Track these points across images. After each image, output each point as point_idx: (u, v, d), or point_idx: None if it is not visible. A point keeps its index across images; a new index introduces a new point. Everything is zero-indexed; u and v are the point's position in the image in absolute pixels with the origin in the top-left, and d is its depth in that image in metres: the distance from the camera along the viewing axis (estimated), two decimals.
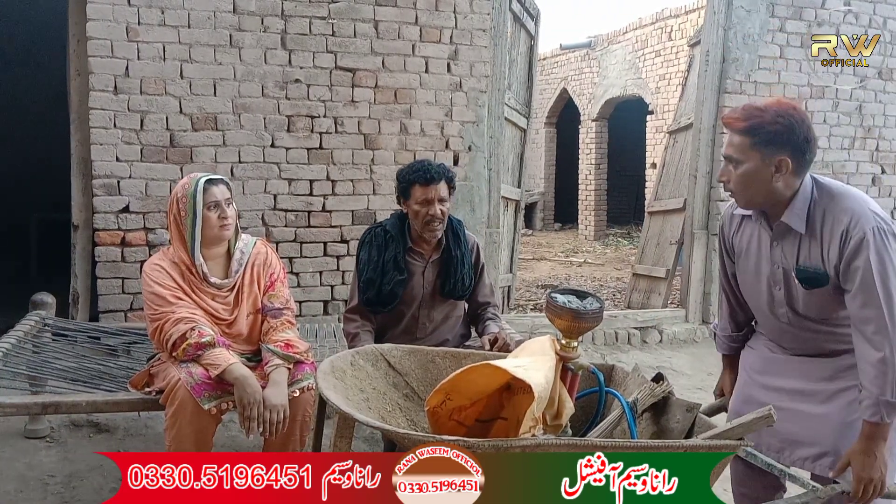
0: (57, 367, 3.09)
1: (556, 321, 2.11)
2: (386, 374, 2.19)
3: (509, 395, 2.05)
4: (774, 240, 2.15)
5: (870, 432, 1.96)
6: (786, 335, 2.24)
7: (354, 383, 2.06)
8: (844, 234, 1.99)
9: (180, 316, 2.55)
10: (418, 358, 2.26)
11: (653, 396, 2.22)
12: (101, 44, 3.95)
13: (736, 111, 2.08)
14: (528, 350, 2.07)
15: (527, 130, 6.16)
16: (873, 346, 1.96)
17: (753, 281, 2.25)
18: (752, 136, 2.01)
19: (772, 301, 2.20)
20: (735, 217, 2.31)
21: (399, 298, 2.89)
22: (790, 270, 2.11)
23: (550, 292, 2.17)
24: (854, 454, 1.98)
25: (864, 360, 1.98)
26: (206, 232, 2.65)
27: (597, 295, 2.40)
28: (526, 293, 7.83)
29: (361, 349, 2.22)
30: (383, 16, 4.43)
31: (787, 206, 2.07)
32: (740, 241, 2.29)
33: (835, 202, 2.04)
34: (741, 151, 2.03)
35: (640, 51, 12.18)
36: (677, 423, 2.16)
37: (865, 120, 5.73)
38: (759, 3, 5.32)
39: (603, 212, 13.78)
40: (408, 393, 2.20)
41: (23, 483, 3.02)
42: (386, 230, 2.93)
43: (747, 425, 1.91)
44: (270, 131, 4.27)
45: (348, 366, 2.09)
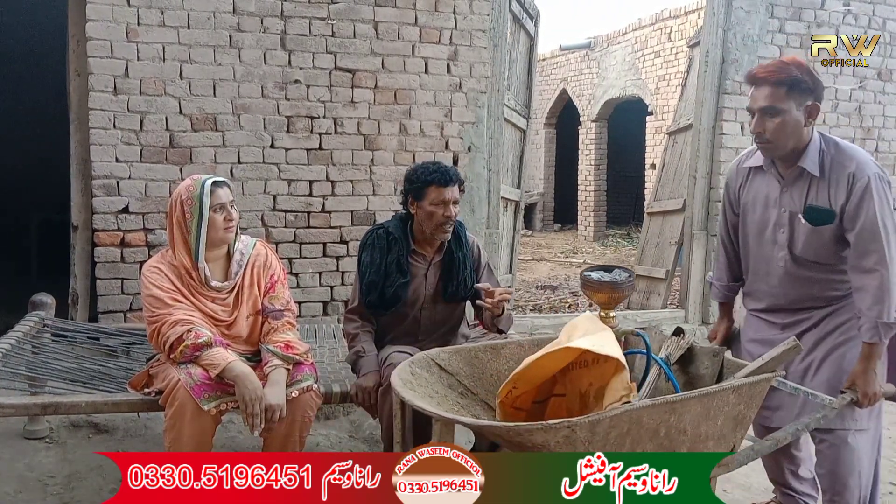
0: (56, 367, 3.09)
1: (596, 296, 2.36)
2: (440, 377, 2.27)
3: (563, 372, 2.17)
4: (785, 186, 2.44)
5: (868, 352, 2.33)
6: (779, 288, 2.51)
7: (423, 391, 2.15)
8: (851, 177, 2.31)
9: (177, 318, 2.55)
10: (463, 357, 2.37)
11: (680, 349, 2.42)
12: (100, 44, 3.95)
13: (764, 67, 2.37)
14: (581, 329, 2.13)
15: (526, 131, 6.16)
16: (873, 275, 2.28)
17: (758, 229, 2.52)
18: (785, 86, 2.29)
19: (773, 245, 2.48)
20: (742, 171, 2.59)
21: (402, 301, 2.89)
22: (796, 213, 2.41)
23: (583, 272, 2.44)
24: (857, 374, 2.34)
25: (864, 290, 2.31)
26: (210, 234, 2.65)
27: (621, 266, 2.61)
28: (525, 294, 7.83)
29: (415, 358, 2.28)
30: (383, 17, 4.42)
31: (803, 152, 2.36)
32: (747, 194, 2.56)
33: (840, 151, 2.37)
34: (779, 100, 2.29)
35: (640, 52, 12.18)
36: (706, 369, 2.40)
37: (865, 121, 5.73)
38: (759, 4, 5.32)
39: (602, 212, 13.79)
40: (462, 391, 2.29)
41: (22, 484, 3.02)
42: (388, 232, 2.92)
43: (779, 357, 2.17)
44: (270, 132, 4.27)
45: (411, 376, 2.16)
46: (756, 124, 2.35)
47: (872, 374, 2.33)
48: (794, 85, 2.29)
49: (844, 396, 2.33)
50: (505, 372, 2.33)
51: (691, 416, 1.97)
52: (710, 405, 2.00)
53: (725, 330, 2.77)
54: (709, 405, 2.00)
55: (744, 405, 2.10)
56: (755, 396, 2.13)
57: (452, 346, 2.93)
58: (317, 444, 3.49)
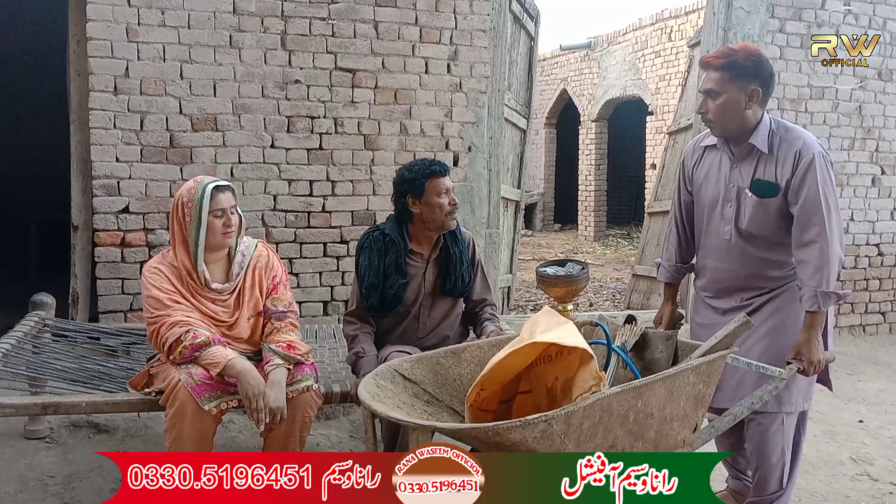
0: (56, 367, 3.09)
1: (553, 290, 2.46)
2: (405, 387, 2.27)
3: (527, 369, 2.18)
4: (735, 162, 2.59)
5: (810, 321, 2.46)
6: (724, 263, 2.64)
7: (392, 402, 2.15)
8: (797, 154, 2.46)
9: (175, 319, 2.55)
10: (425, 364, 2.36)
11: (634, 336, 2.49)
12: (100, 44, 3.95)
13: (713, 52, 2.57)
14: (542, 324, 2.14)
15: (526, 131, 6.16)
16: (814, 246, 2.42)
17: (709, 204, 2.66)
18: (729, 71, 2.46)
19: (720, 220, 2.62)
20: (698, 149, 2.75)
21: (402, 301, 2.90)
22: (744, 188, 2.55)
23: (538, 268, 2.50)
24: (801, 344, 2.47)
25: (805, 262, 2.45)
26: (209, 238, 2.65)
27: (573, 259, 2.65)
28: (526, 294, 7.83)
29: (378, 370, 2.27)
30: (383, 16, 4.43)
31: (752, 132, 2.52)
32: (699, 171, 2.71)
33: (789, 132, 2.53)
34: (720, 84, 2.47)
35: (640, 52, 12.18)
36: (661, 353, 2.48)
37: (865, 121, 5.73)
38: (759, 4, 5.31)
39: (603, 212, 13.77)
40: (427, 399, 2.29)
41: (22, 484, 3.02)
42: (385, 234, 2.92)
43: (732, 334, 2.25)
44: (270, 132, 4.27)
45: (377, 389, 2.16)
46: (701, 104, 2.55)
47: (815, 343, 2.45)
48: (739, 71, 2.46)
49: (791, 367, 2.43)
50: (467, 376, 2.34)
51: (657, 399, 2.02)
52: (673, 386, 2.06)
53: (670, 313, 2.86)
54: (671, 387, 2.06)
55: (703, 384, 2.17)
56: (713, 374, 2.21)
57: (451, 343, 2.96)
58: (317, 444, 3.49)
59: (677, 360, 2.39)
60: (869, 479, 3.36)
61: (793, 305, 2.56)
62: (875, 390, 4.60)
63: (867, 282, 5.87)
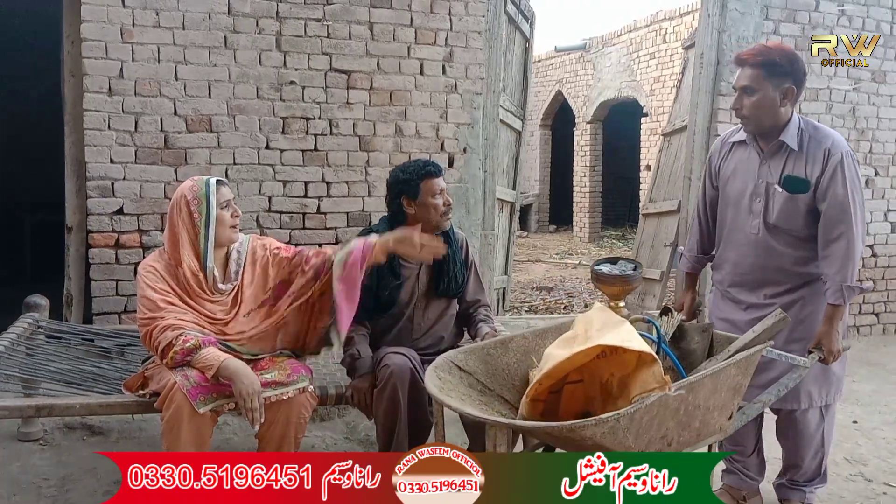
0: (50, 369, 3.08)
1: (608, 289, 2.57)
2: (461, 378, 2.34)
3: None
4: (764, 159, 2.66)
5: (832, 314, 2.58)
6: (748, 257, 2.71)
7: (455, 395, 2.21)
8: (826, 152, 2.55)
9: (167, 323, 2.54)
10: (477, 355, 2.44)
11: (672, 327, 2.60)
12: (95, 45, 3.94)
13: (749, 50, 2.63)
14: (597, 322, 2.20)
15: (522, 132, 6.16)
16: (840, 242, 2.53)
17: (736, 198, 2.74)
18: (765, 69, 2.53)
19: (748, 215, 2.70)
20: (726, 145, 2.82)
21: (396, 303, 2.90)
22: (773, 184, 2.63)
23: (594, 266, 2.66)
24: (822, 334, 2.59)
25: (831, 257, 2.55)
26: (219, 231, 2.65)
27: (626, 257, 2.87)
28: (521, 295, 7.83)
29: (436, 362, 2.33)
30: (378, 18, 4.43)
31: (783, 129, 2.59)
32: (727, 166, 2.79)
33: (818, 130, 2.62)
34: (756, 81, 2.54)
35: (635, 53, 12.20)
36: (697, 345, 2.59)
37: (859, 122, 5.75)
38: (754, 5, 5.33)
39: (598, 214, 13.79)
40: (481, 389, 2.37)
41: (16, 486, 3.01)
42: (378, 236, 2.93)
43: (770, 329, 2.36)
44: (265, 133, 4.27)
45: (438, 381, 2.22)
46: (735, 101, 2.62)
47: (835, 334, 2.58)
48: (772, 68, 2.53)
49: (813, 356, 2.56)
50: (514, 365, 2.46)
51: (704, 393, 2.13)
52: (718, 380, 2.17)
53: (690, 300, 2.95)
54: (717, 380, 2.17)
55: (741, 376, 2.28)
56: (750, 367, 2.31)
57: (446, 344, 2.98)
58: (312, 446, 3.48)
59: (713, 352, 2.53)
60: (863, 479, 3.37)
61: (815, 304, 2.67)
62: (869, 391, 4.61)
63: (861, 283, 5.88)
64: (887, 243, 5.95)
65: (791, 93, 2.57)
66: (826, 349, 2.58)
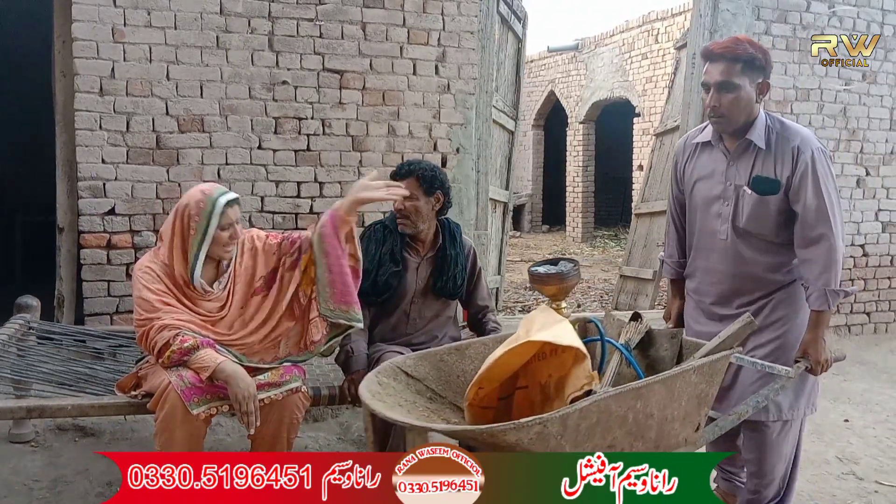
0: (42, 370, 3.07)
1: (546, 289, 2.42)
2: (407, 384, 2.25)
3: (524, 365, 2.16)
4: (731, 160, 2.50)
5: (817, 320, 2.41)
6: (719, 265, 2.55)
7: (392, 400, 2.13)
8: (795, 150, 2.39)
9: (164, 323, 2.54)
10: (429, 361, 2.34)
11: (639, 333, 2.47)
12: (86, 45, 3.92)
13: (720, 43, 2.42)
14: (538, 322, 2.14)
15: (514, 132, 6.17)
16: (821, 244, 2.36)
17: (703, 203, 2.58)
18: (741, 62, 2.36)
19: (717, 219, 2.54)
20: (690, 146, 2.65)
21: (393, 289, 2.92)
22: (741, 186, 2.47)
23: (530, 268, 2.47)
24: (807, 343, 2.43)
25: (811, 261, 2.39)
26: (211, 249, 2.64)
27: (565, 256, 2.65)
28: (514, 295, 7.84)
29: (381, 367, 2.26)
30: (371, 18, 4.42)
31: (749, 127, 2.44)
32: (693, 168, 2.62)
33: (785, 127, 2.46)
34: (735, 75, 2.36)
35: (627, 53, 12.23)
36: (666, 352, 2.46)
37: (850, 122, 5.78)
38: (745, 6, 5.35)
39: (590, 214, 13.83)
40: (431, 396, 2.28)
41: (7, 488, 3.00)
42: (385, 225, 3.02)
43: (735, 334, 2.22)
44: (257, 133, 4.26)
45: (378, 387, 2.14)
46: (711, 98, 2.41)
47: (822, 342, 2.41)
48: (749, 62, 2.37)
49: (799, 366, 2.40)
50: (471, 372, 2.32)
51: (657, 400, 1.99)
52: (674, 387, 2.03)
53: (678, 308, 2.81)
54: (672, 387, 2.03)
55: (705, 383, 2.14)
56: (716, 374, 2.17)
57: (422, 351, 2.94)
58: (305, 447, 3.48)
59: (682, 359, 2.39)
60: (855, 478, 3.39)
61: (793, 313, 2.51)
62: (860, 390, 4.63)
63: (852, 282, 5.91)
64: (878, 242, 5.98)
65: (766, 88, 2.43)
66: (813, 358, 2.41)
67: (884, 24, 5.79)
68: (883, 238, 6.00)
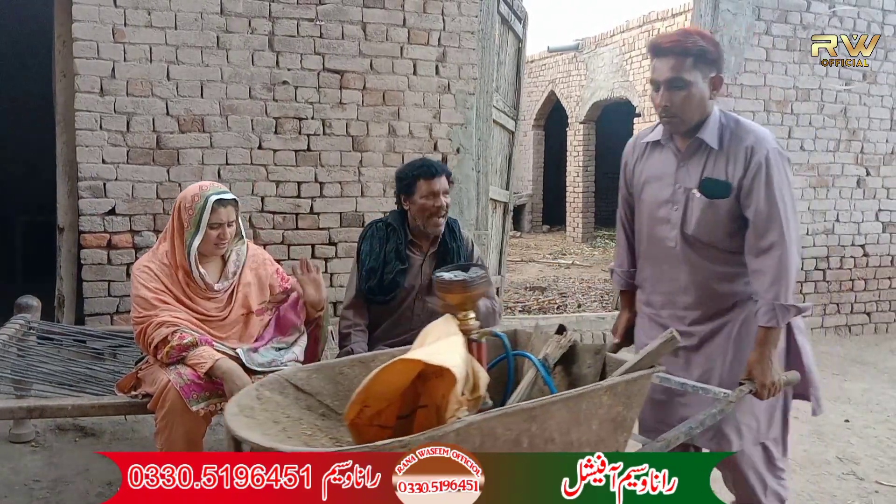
0: (42, 370, 3.07)
1: (449, 297, 2.12)
2: (296, 398, 2.06)
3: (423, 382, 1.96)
4: (682, 160, 2.29)
5: (763, 338, 2.16)
6: (668, 274, 2.35)
7: (267, 416, 1.95)
8: (748, 150, 2.17)
9: (162, 320, 2.55)
10: (325, 374, 2.16)
11: (560, 348, 2.28)
12: (86, 45, 3.92)
13: (668, 36, 2.23)
14: (433, 334, 2.01)
15: (515, 133, 6.16)
16: (771, 254, 2.14)
17: (651, 207, 2.37)
18: (691, 56, 2.16)
19: (665, 225, 2.32)
20: (639, 146, 2.45)
21: (400, 287, 2.94)
22: (691, 189, 2.26)
23: (435, 272, 2.18)
24: (752, 363, 2.17)
25: (761, 272, 2.16)
26: (202, 246, 2.67)
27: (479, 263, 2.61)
28: (514, 295, 7.83)
29: (266, 379, 2.11)
30: (371, 18, 4.42)
31: (701, 126, 2.23)
32: (643, 170, 2.41)
33: (739, 125, 2.24)
34: (685, 72, 2.16)
35: (627, 54, 12.22)
36: (589, 369, 2.26)
37: (850, 122, 5.78)
38: (745, 6, 5.35)
39: (591, 214, 13.82)
40: (324, 412, 2.10)
41: (7, 488, 3.00)
42: (388, 223, 3.03)
43: (655, 352, 2.03)
44: (258, 133, 4.26)
45: (255, 401, 1.97)
46: (662, 97, 2.21)
47: (769, 363, 2.15)
48: (700, 55, 2.16)
49: (742, 388, 2.15)
50: None
51: (557, 423, 1.81)
52: (579, 409, 1.84)
53: (626, 321, 2.56)
54: (577, 409, 1.83)
55: (622, 406, 1.93)
56: (634, 396, 1.96)
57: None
58: None
59: (605, 377, 2.15)
60: (855, 478, 3.39)
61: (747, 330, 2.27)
62: (860, 390, 4.63)
63: (853, 282, 5.92)
64: (878, 243, 5.98)
65: (719, 83, 2.22)
66: (758, 381, 2.15)
67: (884, 24, 5.79)
68: (883, 238, 6.00)
